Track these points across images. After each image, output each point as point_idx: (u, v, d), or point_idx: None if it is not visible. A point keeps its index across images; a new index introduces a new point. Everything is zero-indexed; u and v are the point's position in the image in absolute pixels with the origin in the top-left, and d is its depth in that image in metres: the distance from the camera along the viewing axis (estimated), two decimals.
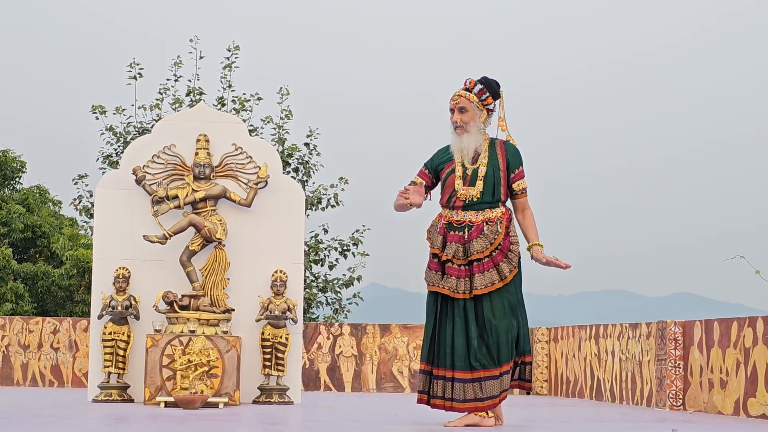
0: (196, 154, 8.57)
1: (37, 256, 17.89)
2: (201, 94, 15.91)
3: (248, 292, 8.58)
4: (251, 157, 8.69)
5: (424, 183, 6.05)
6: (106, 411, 7.09)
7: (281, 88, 16.14)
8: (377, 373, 11.66)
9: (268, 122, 16.01)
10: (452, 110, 5.97)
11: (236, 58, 16.01)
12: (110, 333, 8.38)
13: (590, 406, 9.09)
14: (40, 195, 18.95)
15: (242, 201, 8.58)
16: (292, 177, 14.27)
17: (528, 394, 6.31)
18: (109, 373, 8.35)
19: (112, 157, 15.80)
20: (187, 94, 15.99)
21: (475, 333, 5.81)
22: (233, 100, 16.03)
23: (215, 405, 7.75)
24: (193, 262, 8.45)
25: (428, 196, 6.09)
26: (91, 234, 16.96)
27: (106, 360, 8.36)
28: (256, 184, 8.60)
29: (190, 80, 16.05)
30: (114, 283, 8.45)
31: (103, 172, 15.17)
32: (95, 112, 15.95)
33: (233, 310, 8.42)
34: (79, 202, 16.23)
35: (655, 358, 8.65)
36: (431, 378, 5.93)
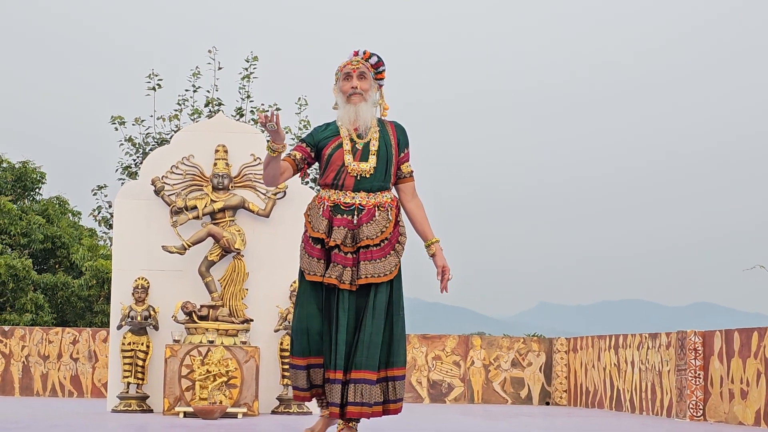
0: (215, 164, 8.59)
1: (56, 266, 17.95)
2: (220, 104, 15.96)
3: (267, 303, 8.58)
4: None
5: (302, 156, 5.24)
6: (125, 421, 7.10)
7: (299, 98, 16.19)
8: None
9: (287, 132, 16.04)
10: (349, 75, 5.24)
11: (254, 68, 16.08)
12: (129, 343, 8.40)
13: (610, 416, 9.04)
14: (60, 206, 19.01)
15: (261, 211, 8.59)
16: (310, 187, 14.27)
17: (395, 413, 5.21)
18: (128, 383, 8.37)
19: (131, 167, 15.87)
20: (206, 105, 16.04)
21: (352, 329, 5.11)
22: (252, 111, 16.08)
23: (234, 415, 7.75)
24: (212, 272, 8.46)
25: (306, 174, 5.29)
26: (110, 244, 17.02)
27: (125, 370, 8.38)
28: (275, 194, 8.60)
29: (208, 91, 16.12)
30: (133, 294, 8.47)
31: (122, 183, 15.23)
32: (114, 123, 16.04)
33: (252, 320, 8.42)
34: (99, 213, 16.31)
35: (675, 368, 8.60)
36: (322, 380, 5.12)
